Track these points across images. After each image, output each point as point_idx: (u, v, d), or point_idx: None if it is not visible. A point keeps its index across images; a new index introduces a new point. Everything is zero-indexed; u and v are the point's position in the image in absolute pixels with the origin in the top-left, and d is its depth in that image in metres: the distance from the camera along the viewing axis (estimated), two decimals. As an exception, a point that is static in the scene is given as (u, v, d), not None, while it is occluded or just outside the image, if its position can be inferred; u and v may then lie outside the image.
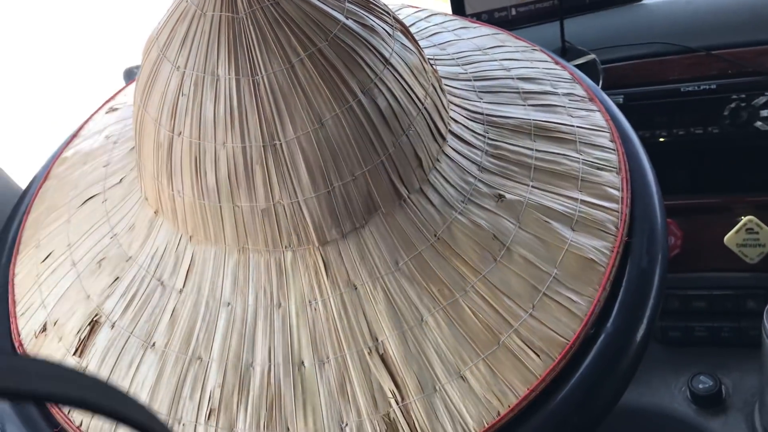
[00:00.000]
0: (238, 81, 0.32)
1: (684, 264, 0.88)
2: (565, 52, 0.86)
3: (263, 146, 0.33)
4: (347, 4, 0.35)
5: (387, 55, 0.35)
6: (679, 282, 0.89)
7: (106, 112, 0.54)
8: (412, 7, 0.60)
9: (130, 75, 1.21)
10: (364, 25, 0.35)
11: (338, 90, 0.33)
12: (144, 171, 0.38)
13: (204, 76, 0.33)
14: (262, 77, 0.32)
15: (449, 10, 0.95)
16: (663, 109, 0.87)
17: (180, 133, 0.34)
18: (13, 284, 0.42)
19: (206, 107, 0.33)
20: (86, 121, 0.55)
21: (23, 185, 0.84)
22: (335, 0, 0.35)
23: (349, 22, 0.34)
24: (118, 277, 0.38)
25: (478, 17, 0.95)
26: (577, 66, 0.84)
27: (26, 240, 0.45)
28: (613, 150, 0.43)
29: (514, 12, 0.95)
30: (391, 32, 0.36)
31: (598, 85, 0.83)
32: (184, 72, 0.33)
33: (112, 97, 0.57)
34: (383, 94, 0.34)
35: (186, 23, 0.34)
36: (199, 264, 0.36)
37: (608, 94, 0.88)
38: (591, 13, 0.95)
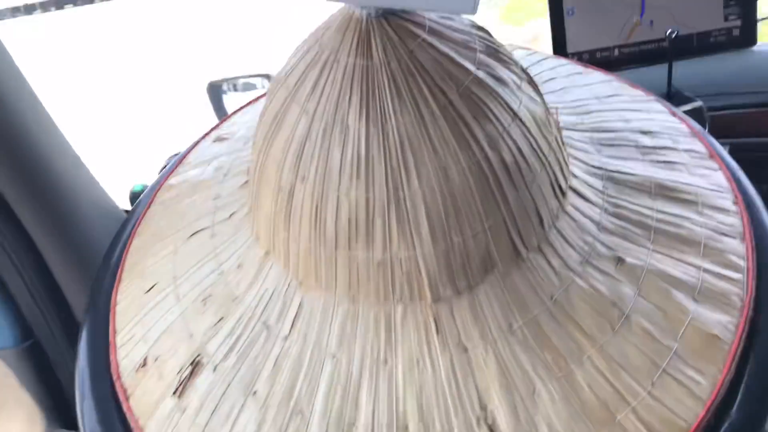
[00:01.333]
0: (367, 130, 0.32)
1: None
2: (671, 97, 0.83)
3: (387, 197, 0.32)
4: (478, 54, 0.34)
5: (515, 107, 0.34)
6: None
7: (214, 141, 0.55)
8: (523, 48, 0.58)
9: (213, 89, 1.24)
10: (494, 77, 0.34)
11: (466, 143, 0.32)
12: (259, 211, 0.37)
13: (333, 124, 0.32)
14: (392, 127, 0.31)
15: (550, 49, 0.94)
16: (773, 163, 0.83)
17: (304, 178, 0.33)
18: (114, 312, 0.43)
19: (333, 155, 0.32)
20: (191, 148, 0.55)
21: (120, 202, 0.87)
22: (467, 50, 0.34)
23: (480, 73, 0.33)
24: (222, 317, 0.38)
25: (580, 57, 0.93)
26: (683, 113, 0.81)
27: (130, 267, 0.45)
28: (737, 214, 0.40)
29: (617, 53, 0.92)
30: (519, 83, 0.35)
31: (703, 133, 0.80)
32: (313, 117, 0.33)
33: (218, 125, 0.58)
34: (510, 148, 0.33)
35: (318, 68, 0.33)
36: (306, 311, 0.35)
37: (715, 143, 0.85)
38: (698, 57, 0.92)
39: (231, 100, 1.25)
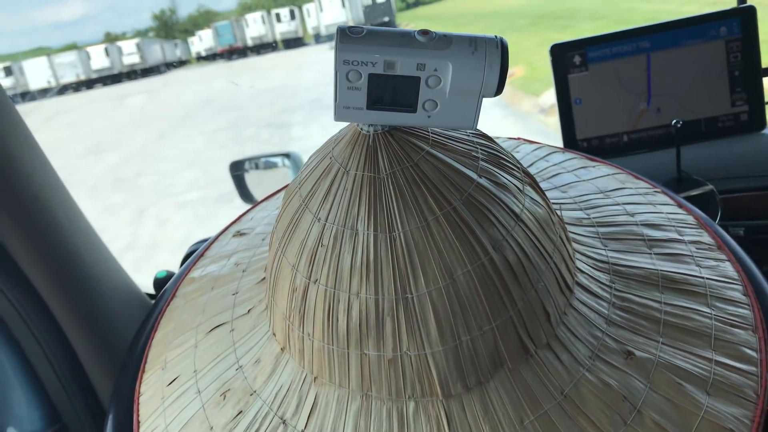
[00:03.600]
0: (375, 236, 0.34)
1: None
2: (681, 181, 0.84)
3: (395, 299, 0.33)
4: (481, 162, 0.36)
5: (518, 211, 0.36)
6: None
7: (233, 236, 0.57)
8: (530, 142, 0.61)
9: (235, 168, 1.28)
10: (496, 183, 0.36)
11: (470, 247, 0.34)
12: (275, 309, 0.39)
13: (344, 230, 0.34)
14: (399, 234, 0.33)
15: (560, 134, 0.97)
16: (789, 244, 0.83)
17: (316, 280, 0.35)
18: (138, 403, 0.44)
19: (344, 259, 0.34)
20: (213, 241, 0.58)
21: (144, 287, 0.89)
22: (469, 159, 0.36)
23: (483, 181, 0.35)
24: (241, 411, 0.39)
25: (589, 143, 0.95)
26: (695, 197, 0.82)
27: (153, 358, 0.47)
28: (747, 305, 0.41)
29: (626, 138, 0.95)
30: (521, 187, 0.37)
31: (716, 217, 0.81)
32: (325, 224, 0.35)
33: (238, 219, 0.60)
34: (514, 250, 0.35)
35: (329, 179, 0.36)
36: (321, 406, 0.37)
37: (728, 225, 0.85)
38: (707, 141, 0.93)
39: (253, 178, 1.29)
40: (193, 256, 0.57)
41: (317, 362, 0.37)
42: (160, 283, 0.95)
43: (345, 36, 0.33)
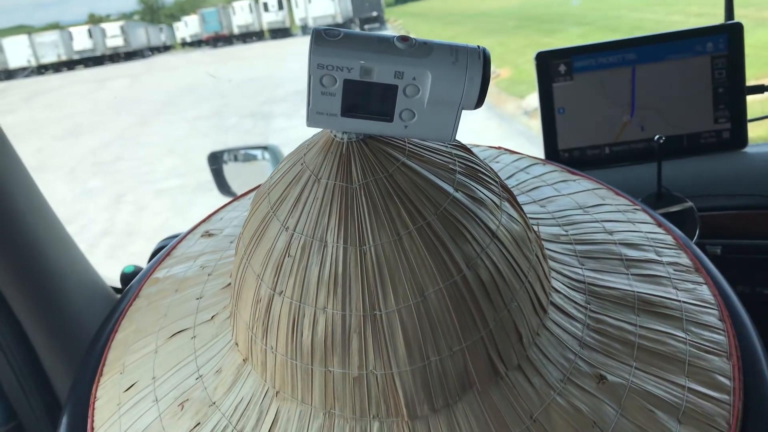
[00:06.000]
0: (345, 249, 0.32)
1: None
2: (661, 197, 0.84)
3: (363, 315, 0.32)
4: (458, 175, 0.35)
5: (494, 228, 0.34)
6: None
7: (201, 236, 0.55)
8: (511, 152, 0.59)
9: (214, 159, 1.26)
10: (472, 198, 0.35)
11: (443, 264, 0.32)
12: (238, 319, 0.38)
13: (312, 241, 0.33)
14: (370, 248, 0.32)
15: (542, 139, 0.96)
16: (765, 266, 0.83)
17: (281, 292, 0.34)
18: (93, 408, 0.42)
19: (311, 271, 0.33)
20: (180, 240, 0.56)
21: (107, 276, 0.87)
22: (446, 171, 0.35)
23: (459, 195, 0.34)
24: (199, 423, 0.37)
25: (570, 153, 0.95)
26: (674, 213, 0.82)
27: (111, 361, 0.45)
28: (723, 331, 0.40)
29: (608, 150, 0.94)
30: (498, 203, 0.36)
31: (694, 235, 0.81)
32: (293, 234, 0.34)
33: (208, 218, 0.58)
34: (488, 268, 0.33)
35: (300, 186, 0.34)
36: (282, 422, 0.35)
37: (705, 244, 0.85)
38: (688, 157, 0.93)
39: (231, 170, 1.27)
40: (159, 255, 0.55)
41: (280, 376, 0.35)
42: (127, 278, 0.93)
43: (320, 38, 0.31)
